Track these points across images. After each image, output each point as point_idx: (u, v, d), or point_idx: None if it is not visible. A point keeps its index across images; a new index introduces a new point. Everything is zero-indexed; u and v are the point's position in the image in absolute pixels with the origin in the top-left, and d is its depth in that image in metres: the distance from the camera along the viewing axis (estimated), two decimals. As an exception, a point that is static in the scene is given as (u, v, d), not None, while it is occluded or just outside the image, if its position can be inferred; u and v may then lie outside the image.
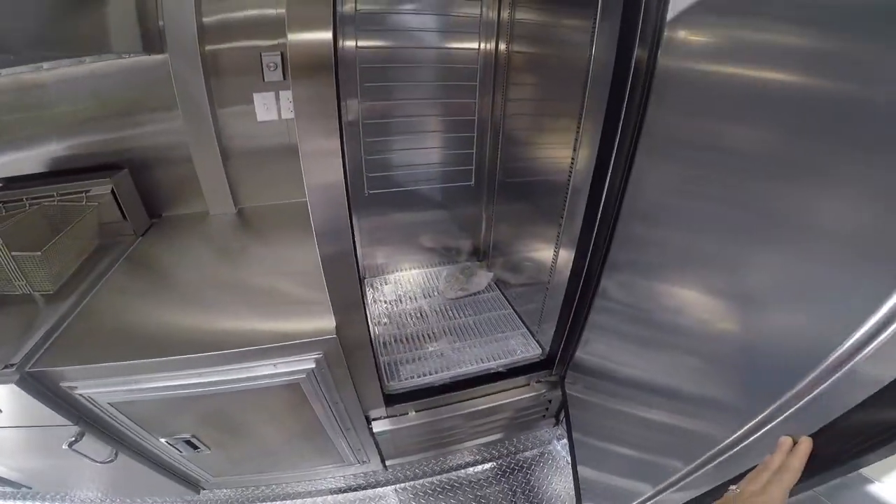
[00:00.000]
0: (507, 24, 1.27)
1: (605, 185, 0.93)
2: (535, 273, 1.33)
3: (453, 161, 1.49)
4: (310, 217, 0.80)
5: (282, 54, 1.26)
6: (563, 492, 1.41)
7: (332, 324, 0.94)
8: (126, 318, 0.99)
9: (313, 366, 0.95)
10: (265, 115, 1.34)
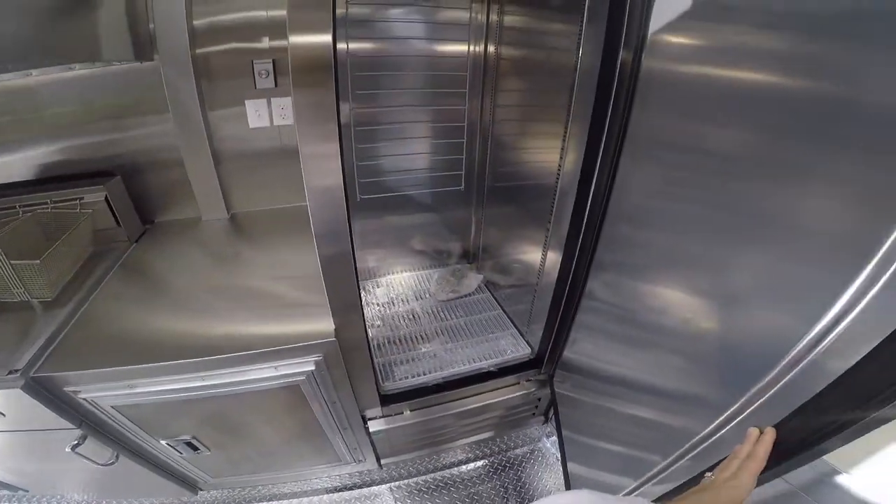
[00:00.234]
0: (496, 29, 1.29)
1: (592, 187, 0.94)
2: (523, 275, 1.36)
3: (443, 166, 1.52)
4: (309, 219, 0.82)
5: (273, 62, 1.26)
6: (553, 488, 1.44)
7: (332, 326, 0.96)
8: (125, 325, 1.00)
9: (313, 368, 0.97)
10: (257, 122, 1.34)
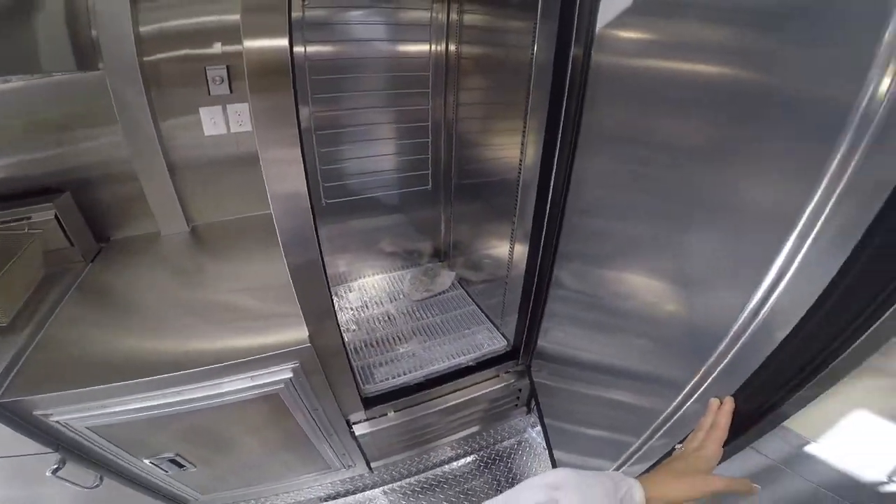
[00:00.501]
0: (457, 28, 1.29)
1: (552, 181, 0.97)
2: (494, 269, 1.38)
3: (409, 166, 1.52)
4: (275, 227, 0.80)
5: (228, 67, 1.23)
6: (543, 476, 1.48)
7: (305, 333, 0.95)
8: (88, 347, 0.95)
9: (290, 375, 0.96)
10: (213, 129, 1.30)
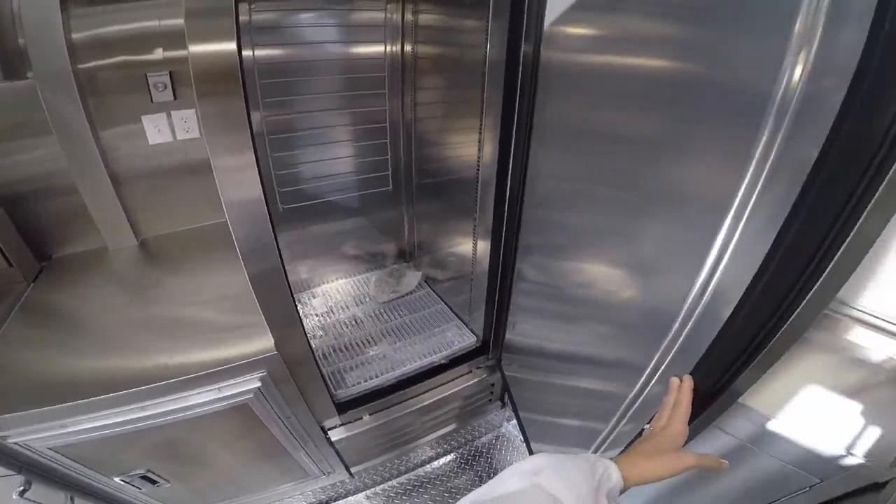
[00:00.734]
0: (412, 28, 1.29)
1: (509, 176, 0.99)
2: (459, 266, 1.40)
3: (369, 168, 1.50)
4: (232, 237, 0.78)
5: (171, 73, 1.17)
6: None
7: (271, 342, 0.93)
8: (39, 368, 0.89)
9: (259, 385, 0.94)
10: (158, 137, 1.23)
